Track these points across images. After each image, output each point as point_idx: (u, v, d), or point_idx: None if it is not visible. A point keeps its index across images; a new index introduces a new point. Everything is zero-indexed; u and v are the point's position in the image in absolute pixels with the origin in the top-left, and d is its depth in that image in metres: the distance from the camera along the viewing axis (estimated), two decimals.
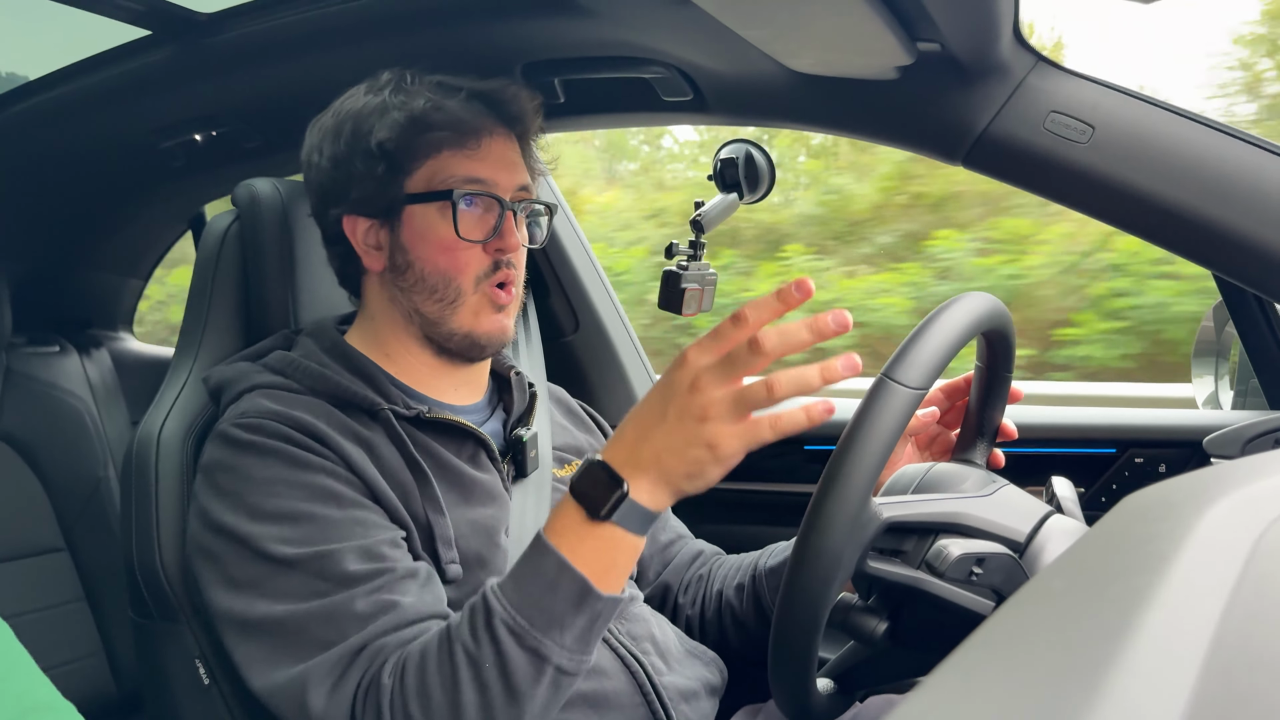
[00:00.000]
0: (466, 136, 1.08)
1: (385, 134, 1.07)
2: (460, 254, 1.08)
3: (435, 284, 1.08)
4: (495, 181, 1.09)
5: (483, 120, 1.09)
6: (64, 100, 1.72)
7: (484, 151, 1.09)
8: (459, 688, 0.85)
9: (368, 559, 0.94)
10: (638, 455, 0.84)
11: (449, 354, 1.13)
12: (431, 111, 1.07)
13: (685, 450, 0.82)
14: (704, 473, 0.82)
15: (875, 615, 0.88)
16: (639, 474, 0.84)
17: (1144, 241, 1.12)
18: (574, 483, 0.86)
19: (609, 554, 0.85)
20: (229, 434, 1.01)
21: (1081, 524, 0.94)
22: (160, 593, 1.09)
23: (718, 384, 0.80)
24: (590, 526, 0.85)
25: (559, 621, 0.85)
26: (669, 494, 0.85)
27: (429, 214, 1.08)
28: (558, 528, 0.87)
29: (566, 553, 0.85)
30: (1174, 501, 0.45)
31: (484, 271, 1.09)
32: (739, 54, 1.20)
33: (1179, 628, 0.33)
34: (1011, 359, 1.00)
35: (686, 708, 1.12)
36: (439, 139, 1.07)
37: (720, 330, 0.81)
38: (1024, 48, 1.13)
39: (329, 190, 1.12)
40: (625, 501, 0.83)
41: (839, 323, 0.78)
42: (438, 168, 1.08)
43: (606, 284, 1.88)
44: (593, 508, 0.84)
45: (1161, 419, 1.53)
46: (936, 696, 0.32)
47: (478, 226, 1.08)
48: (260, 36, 1.45)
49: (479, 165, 1.09)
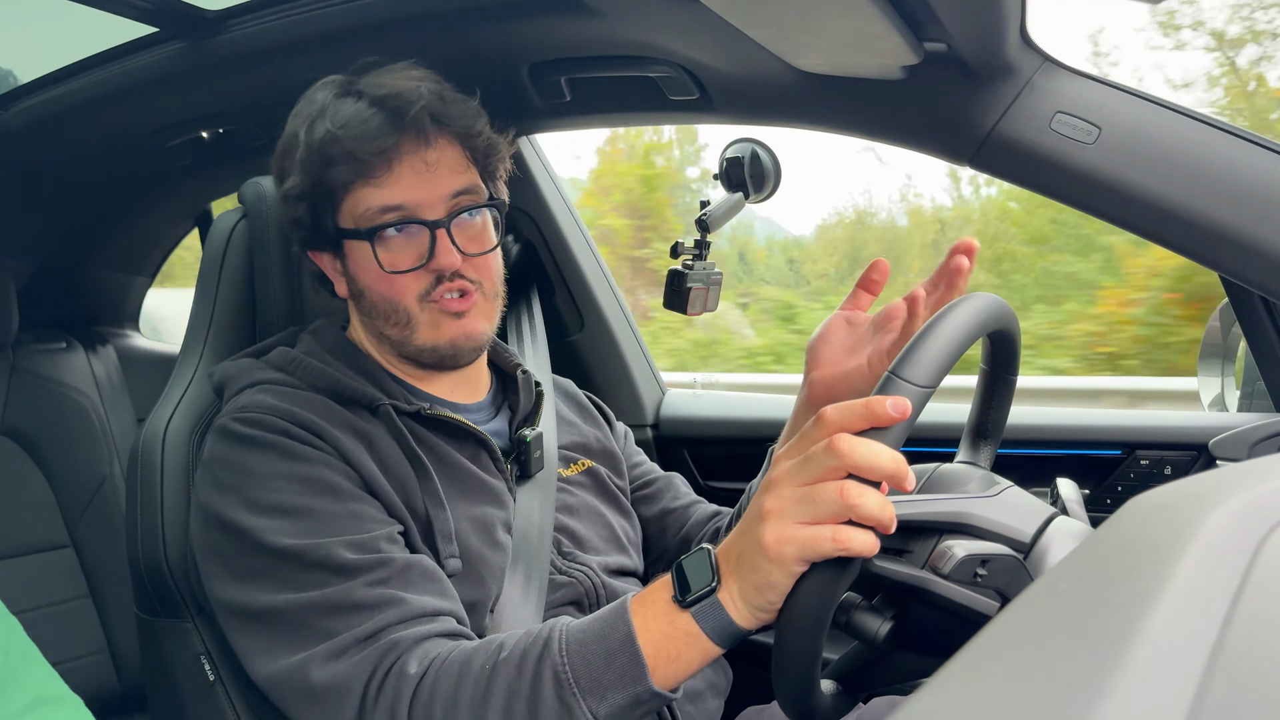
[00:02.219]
0: (371, 165, 1.03)
1: (295, 179, 1.06)
2: (397, 282, 1.05)
3: (385, 310, 1.07)
4: (415, 203, 1.04)
5: (385, 140, 1.02)
6: (71, 97, 1.72)
7: (395, 174, 1.03)
8: (488, 707, 0.84)
9: (365, 551, 0.94)
10: (728, 553, 0.81)
11: (427, 366, 1.13)
12: (329, 145, 1.02)
13: (751, 555, 0.77)
14: (768, 580, 0.76)
15: (879, 616, 0.88)
16: (729, 575, 0.80)
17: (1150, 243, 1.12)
18: (679, 561, 0.84)
19: (678, 645, 0.82)
20: (228, 428, 1.01)
21: (1086, 526, 0.94)
22: (165, 589, 1.09)
23: (789, 483, 0.76)
24: (673, 611, 0.82)
25: (601, 691, 0.83)
26: (747, 609, 0.79)
27: (362, 247, 1.06)
28: (646, 597, 0.85)
29: (639, 626, 0.83)
30: (1179, 504, 0.45)
31: (425, 288, 1.06)
32: (745, 53, 1.20)
33: (1183, 630, 0.33)
34: (1016, 361, 1.00)
35: (692, 708, 1.12)
36: (344, 174, 1.03)
37: (804, 430, 0.78)
38: (1031, 48, 1.13)
39: (286, 227, 1.13)
40: (710, 597, 0.80)
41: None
42: (355, 202, 1.05)
43: (612, 283, 1.88)
44: (683, 590, 0.82)
45: (1167, 421, 1.52)
46: (940, 698, 0.32)
47: (405, 254, 1.05)
48: (267, 34, 1.46)
49: (391, 191, 1.04)
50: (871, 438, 0.75)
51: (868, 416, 0.74)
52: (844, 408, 0.76)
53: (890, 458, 0.73)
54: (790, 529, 0.75)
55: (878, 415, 0.74)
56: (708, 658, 0.83)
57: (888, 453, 0.74)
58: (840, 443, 0.73)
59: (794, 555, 0.75)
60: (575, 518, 1.18)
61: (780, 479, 0.78)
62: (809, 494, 0.75)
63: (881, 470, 0.73)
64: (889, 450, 0.74)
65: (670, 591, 0.83)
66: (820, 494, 0.74)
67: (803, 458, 0.76)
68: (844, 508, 0.73)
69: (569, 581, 1.11)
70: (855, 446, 0.73)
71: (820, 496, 0.74)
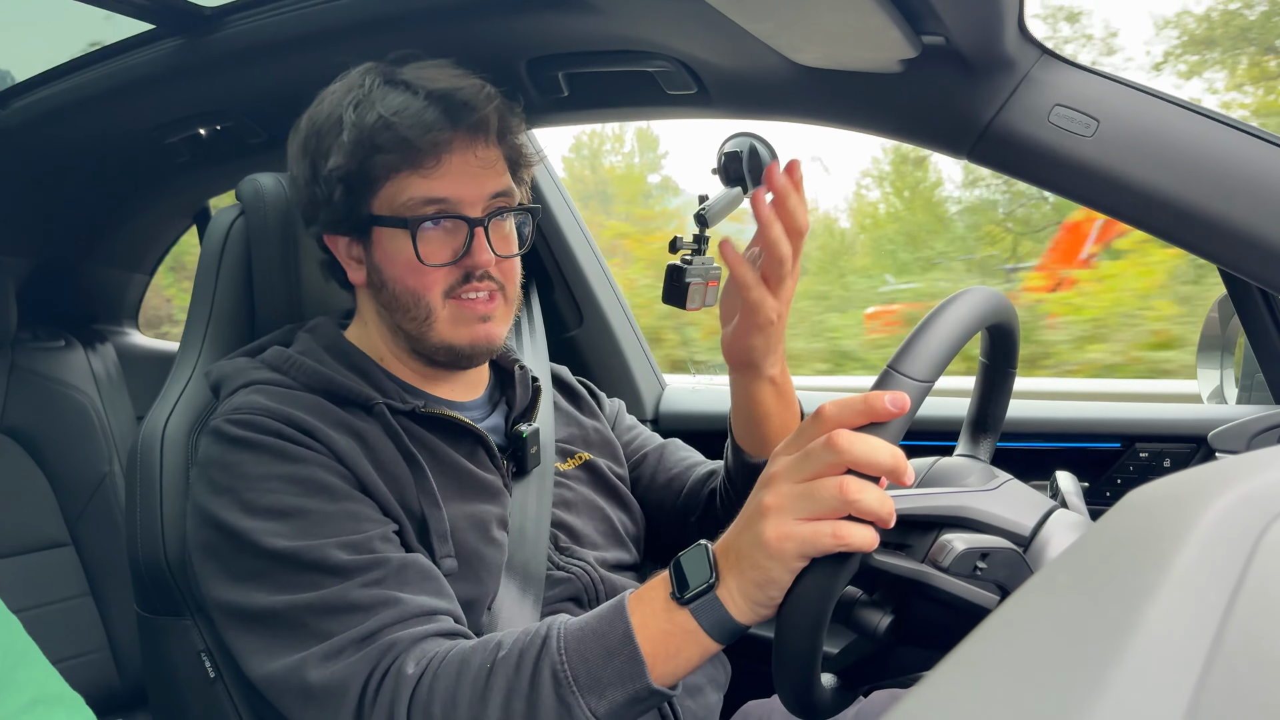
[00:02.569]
0: (421, 155, 1.03)
1: (337, 160, 1.04)
2: (427, 275, 1.05)
3: (407, 303, 1.07)
4: (459, 199, 1.05)
5: (439, 134, 1.03)
6: (68, 95, 1.72)
7: (443, 168, 1.04)
8: (486, 706, 0.84)
9: (360, 552, 0.94)
10: (726, 548, 0.81)
11: (438, 365, 1.13)
12: (381, 131, 1.02)
13: (751, 552, 0.77)
14: (769, 577, 0.77)
15: (879, 610, 0.88)
16: (727, 572, 0.80)
17: (1149, 236, 1.12)
18: (677, 557, 0.84)
19: (676, 642, 0.82)
20: (222, 430, 1.01)
21: (1086, 519, 0.94)
22: (165, 587, 1.09)
23: (789, 479, 0.77)
24: (671, 608, 0.82)
25: (600, 689, 0.82)
26: (747, 605, 0.79)
27: (395, 236, 1.06)
28: (644, 595, 0.85)
29: (637, 624, 0.83)
30: (1179, 496, 0.45)
31: (453, 284, 1.06)
32: (743, 48, 1.20)
33: (1183, 623, 0.33)
34: (1014, 354, 1.00)
35: (692, 702, 1.12)
36: (392, 161, 1.03)
37: (802, 427, 0.78)
38: (1029, 41, 1.13)
39: (304, 209, 1.12)
40: (709, 594, 0.80)
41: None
42: (396, 190, 1.05)
43: (610, 278, 1.88)
44: (680, 588, 0.82)
45: (1166, 414, 1.52)
46: (940, 691, 0.32)
47: (444, 248, 1.06)
48: (264, 31, 1.45)
49: (438, 184, 1.04)
50: (870, 433, 0.75)
51: (866, 412, 0.75)
52: (842, 403, 0.76)
53: (889, 453, 0.73)
54: (790, 525, 0.75)
55: (876, 411, 0.74)
56: (707, 654, 0.83)
57: (886, 448, 0.74)
58: (839, 438, 0.73)
59: (794, 551, 0.75)
60: (573, 513, 1.18)
61: (779, 475, 0.78)
62: (808, 490, 0.75)
63: (880, 466, 0.73)
64: (888, 445, 0.74)
65: (668, 588, 0.83)
66: (820, 490, 0.74)
67: (801, 454, 0.76)
68: (843, 503, 0.73)
69: (567, 577, 1.11)
70: (854, 442, 0.73)
71: (819, 493, 0.74)
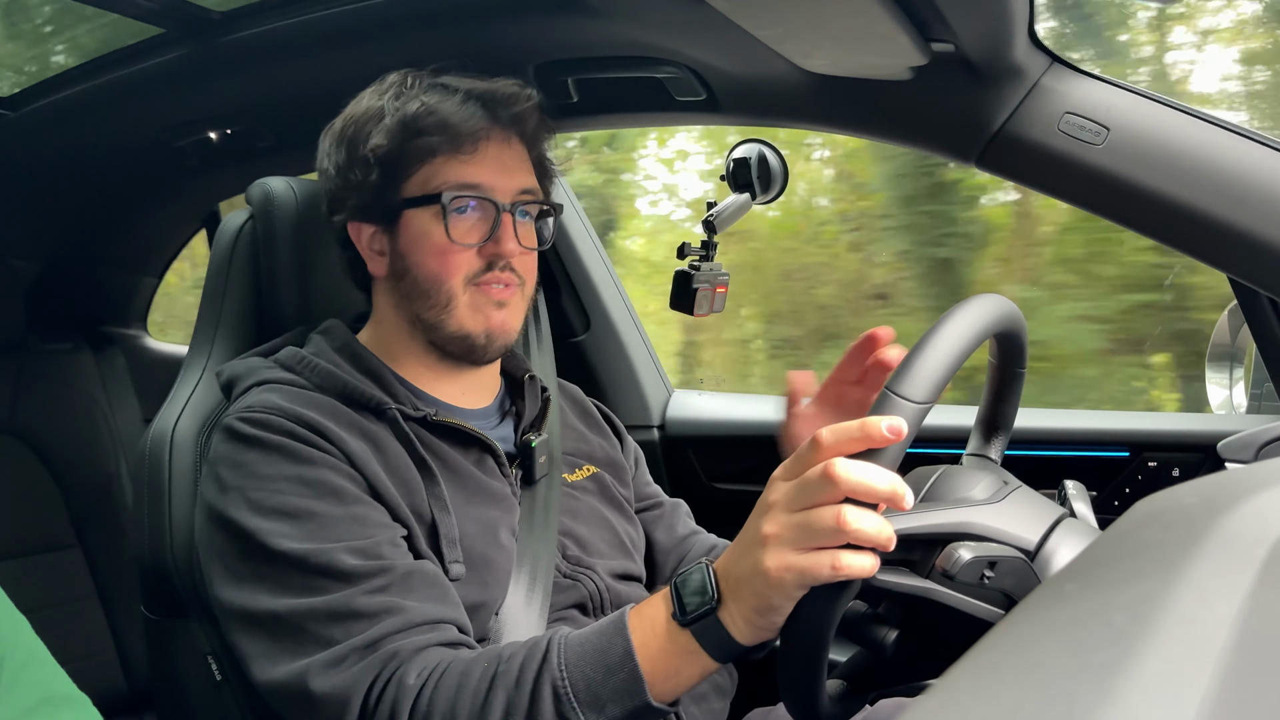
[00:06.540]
0: (461, 140, 1.07)
1: (379, 140, 1.07)
2: (452, 257, 1.07)
3: (428, 288, 1.08)
4: (491, 185, 1.08)
5: (478, 123, 1.07)
6: (77, 98, 1.73)
7: (480, 155, 1.08)
8: (486, 719, 0.84)
9: (367, 557, 0.93)
10: (728, 573, 0.81)
11: (453, 358, 1.13)
12: (424, 116, 1.06)
13: (750, 579, 0.77)
14: (769, 604, 0.77)
15: (885, 624, 0.88)
16: (728, 594, 0.80)
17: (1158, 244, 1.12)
18: (678, 578, 0.84)
19: (677, 661, 0.82)
20: (234, 428, 1.01)
21: (1094, 528, 0.94)
22: (172, 589, 1.09)
23: (787, 508, 0.76)
24: (672, 628, 0.82)
25: (599, 705, 0.83)
26: (748, 628, 0.79)
27: (424, 218, 1.08)
28: (645, 612, 0.85)
29: (638, 643, 0.83)
30: (1187, 506, 0.45)
31: (475, 271, 1.08)
32: (752, 54, 1.20)
33: (1191, 634, 0.33)
34: (1023, 355, 1.00)
35: (697, 709, 1.12)
36: (432, 144, 1.07)
37: (799, 453, 0.78)
38: (1039, 49, 1.13)
39: (335, 196, 1.13)
40: (710, 616, 0.80)
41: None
42: (432, 173, 1.08)
43: (618, 283, 1.88)
44: (681, 609, 0.82)
45: (1175, 423, 1.52)
46: (947, 699, 0.32)
47: (472, 231, 1.08)
48: (274, 35, 1.46)
49: (474, 170, 1.08)
50: (867, 459, 0.74)
51: (863, 439, 0.74)
52: (839, 430, 0.75)
53: (886, 481, 0.73)
54: (789, 556, 0.75)
55: (873, 437, 0.74)
56: (707, 672, 0.83)
57: (884, 475, 0.73)
58: (835, 468, 0.73)
59: (794, 582, 0.75)
60: (580, 522, 1.18)
61: (777, 503, 0.77)
62: (806, 520, 0.75)
63: (877, 493, 0.73)
64: (885, 473, 0.74)
65: (670, 608, 0.83)
66: (817, 521, 0.74)
67: (799, 482, 0.76)
68: (842, 533, 0.73)
69: (574, 585, 1.11)
70: (851, 472, 0.73)
71: (817, 523, 0.74)
